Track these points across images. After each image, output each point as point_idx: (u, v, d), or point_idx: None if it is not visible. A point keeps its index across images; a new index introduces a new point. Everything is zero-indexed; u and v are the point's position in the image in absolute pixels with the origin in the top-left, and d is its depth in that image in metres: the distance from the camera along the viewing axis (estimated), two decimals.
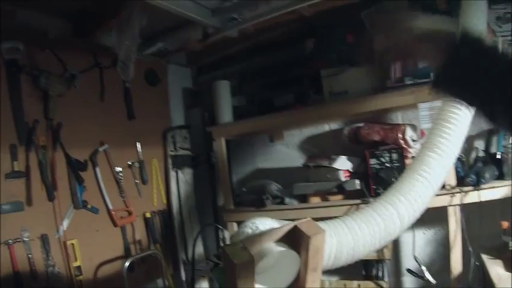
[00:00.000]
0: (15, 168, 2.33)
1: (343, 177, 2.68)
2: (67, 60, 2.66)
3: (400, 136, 2.56)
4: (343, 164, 2.70)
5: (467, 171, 2.41)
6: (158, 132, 3.44)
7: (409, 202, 1.55)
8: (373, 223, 1.44)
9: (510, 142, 2.43)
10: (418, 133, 2.64)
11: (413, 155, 2.54)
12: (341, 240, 1.35)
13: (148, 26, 2.48)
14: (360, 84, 2.72)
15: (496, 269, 2.00)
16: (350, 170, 2.74)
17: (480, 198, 2.28)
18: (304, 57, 3.07)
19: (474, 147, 2.63)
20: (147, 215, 3.16)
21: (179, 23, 2.83)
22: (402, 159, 2.51)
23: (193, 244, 2.34)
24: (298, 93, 3.11)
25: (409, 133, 2.57)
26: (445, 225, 2.51)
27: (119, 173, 2.97)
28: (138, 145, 3.16)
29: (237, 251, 1.11)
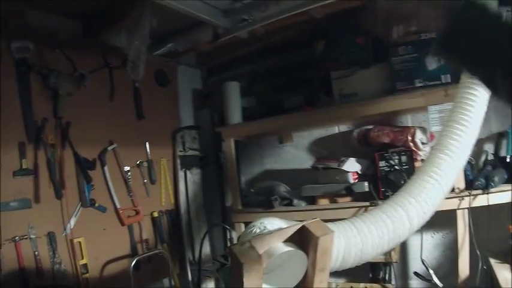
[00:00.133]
0: (24, 166, 2.34)
1: (351, 179, 2.67)
2: (77, 60, 2.67)
3: (409, 139, 2.55)
4: (352, 166, 2.69)
5: (477, 175, 2.39)
6: (167, 132, 3.45)
7: (419, 204, 1.53)
8: (382, 225, 1.42)
9: None
10: (428, 136, 2.63)
11: (422, 158, 2.54)
12: (349, 241, 1.34)
13: (158, 26, 2.49)
14: (370, 86, 2.72)
15: (503, 273, 2.00)
16: (359, 172, 2.73)
17: (489, 201, 2.26)
18: (314, 59, 3.06)
19: (483, 150, 2.62)
20: (155, 214, 3.16)
21: (189, 24, 2.85)
22: (412, 161, 2.50)
23: (201, 244, 2.33)
24: (308, 94, 3.11)
25: (418, 136, 2.56)
26: (453, 228, 2.50)
27: (127, 172, 2.97)
28: (147, 145, 3.16)
29: (244, 250, 1.09)
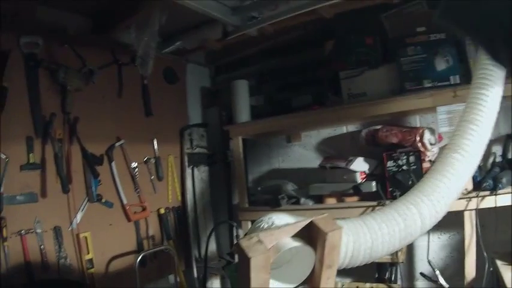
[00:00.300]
0: (31, 160, 2.35)
1: (359, 178, 2.67)
2: (86, 56, 2.69)
3: (418, 139, 2.54)
4: (360, 165, 2.68)
5: (484, 176, 2.37)
6: (175, 129, 3.46)
7: (431, 203, 1.51)
8: (393, 223, 1.41)
9: None
10: (436, 136, 2.62)
11: (430, 159, 2.53)
12: (359, 239, 1.33)
13: (167, 24, 2.50)
14: (379, 86, 2.71)
15: (510, 275, 1.98)
16: (366, 171, 2.72)
17: (496, 203, 2.24)
18: (323, 59, 3.05)
19: (492, 152, 2.60)
20: (161, 211, 3.17)
21: (199, 22, 2.86)
22: (420, 162, 2.49)
23: (207, 241, 2.33)
24: (316, 94, 3.11)
25: (427, 136, 2.55)
26: (460, 229, 2.50)
27: (135, 168, 2.98)
28: (155, 142, 3.17)
29: (252, 244, 1.08)
